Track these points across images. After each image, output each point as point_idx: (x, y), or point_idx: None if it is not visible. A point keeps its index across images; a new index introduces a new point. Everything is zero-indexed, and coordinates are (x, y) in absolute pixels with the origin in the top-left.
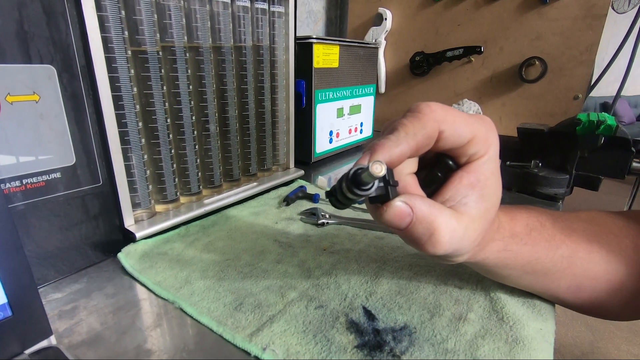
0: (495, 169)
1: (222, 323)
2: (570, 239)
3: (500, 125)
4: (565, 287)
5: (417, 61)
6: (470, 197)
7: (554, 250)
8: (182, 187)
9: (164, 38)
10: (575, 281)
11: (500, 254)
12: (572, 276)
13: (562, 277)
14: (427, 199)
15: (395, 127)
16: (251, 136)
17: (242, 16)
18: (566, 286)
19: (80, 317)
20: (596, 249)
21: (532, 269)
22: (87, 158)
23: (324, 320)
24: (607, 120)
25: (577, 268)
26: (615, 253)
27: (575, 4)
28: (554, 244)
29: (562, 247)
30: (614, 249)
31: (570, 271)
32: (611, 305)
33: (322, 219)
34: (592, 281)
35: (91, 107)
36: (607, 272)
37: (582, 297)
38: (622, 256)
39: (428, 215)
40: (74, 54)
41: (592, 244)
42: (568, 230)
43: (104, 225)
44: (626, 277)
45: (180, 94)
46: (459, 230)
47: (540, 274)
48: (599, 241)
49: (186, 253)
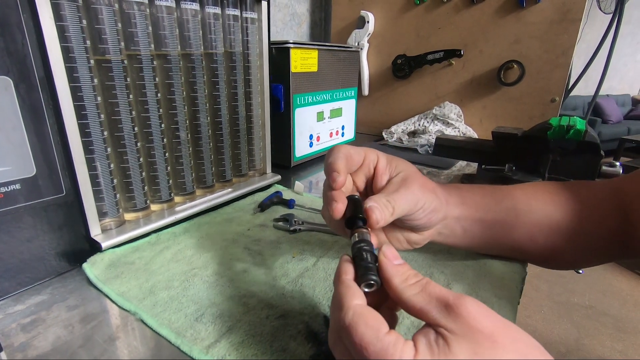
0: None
1: (180, 334)
2: (511, 195)
3: (481, 127)
4: (519, 237)
5: (399, 64)
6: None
7: (499, 202)
8: (153, 194)
9: (129, 46)
10: (525, 230)
11: (459, 208)
12: (522, 226)
13: (513, 228)
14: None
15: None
16: (225, 142)
17: (213, 23)
18: (519, 236)
19: (38, 331)
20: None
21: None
22: (48, 169)
23: (284, 330)
24: (576, 124)
25: (524, 218)
26: (554, 203)
27: (552, 8)
28: (498, 198)
29: (505, 201)
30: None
31: (519, 221)
32: (559, 251)
33: (294, 225)
34: (539, 228)
35: (52, 117)
36: (548, 219)
37: (537, 245)
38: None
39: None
40: (31, 64)
41: (532, 200)
42: (507, 190)
43: (69, 236)
44: (567, 223)
45: (147, 102)
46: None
47: (496, 225)
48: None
49: (154, 262)
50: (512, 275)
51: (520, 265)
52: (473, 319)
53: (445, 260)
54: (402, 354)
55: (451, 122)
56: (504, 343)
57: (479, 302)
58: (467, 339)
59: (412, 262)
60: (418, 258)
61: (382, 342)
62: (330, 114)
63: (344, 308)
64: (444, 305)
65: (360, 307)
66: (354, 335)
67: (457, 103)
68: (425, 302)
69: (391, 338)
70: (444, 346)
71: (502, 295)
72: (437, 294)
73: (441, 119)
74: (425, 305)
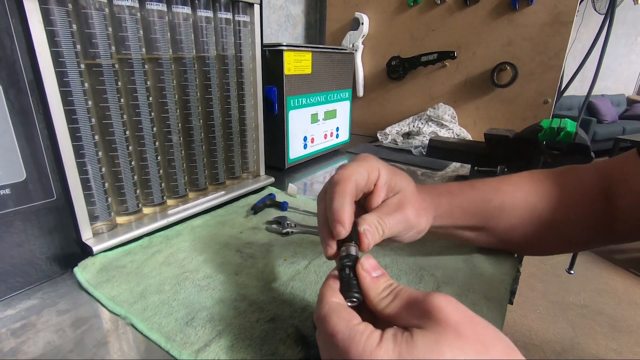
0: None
1: (170, 339)
2: (501, 191)
3: (475, 129)
4: (502, 230)
5: (393, 65)
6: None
7: (489, 202)
8: (145, 198)
9: (120, 50)
10: (508, 223)
11: (447, 208)
12: (506, 220)
13: (498, 224)
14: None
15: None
16: (218, 145)
17: (204, 26)
18: (502, 229)
19: (28, 336)
20: (520, 194)
21: (477, 221)
22: (38, 173)
23: (274, 334)
24: (567, 127)
25: (509, 213)
26: (539, 194)
27: (544, 11)
28: (487, 198)
29: (494, 200)
30: (536, 193)
31: (503, 216)
32: (538, 239)
33: (287, 228)
34: (521, 221)
35: (42, 122)
36: (532, 212)
37: (518, 235)
38: (542, 197)
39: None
40: (20, 69)
41: (517, 192)
42: (499, 185)
43: (60, 240)
44: (550, 214)
45: (139, 106)
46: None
47: (482, 226)
48: (523, 188)
49: (146, 266)
50: (502, 277)
51: (511, 267)
52: (439, 312)
53: (436, 263)
54: (367, 342)
55: (445, 123)
56: (467, 334)
57: (449, 297)
58: (432, 330)
59: (403, 264)
60: (408, 261)
61: (351, 331)
62: (324, 116)
63: (322, 302)
64: (414, 305)
65: (337, 303)
66: (327, 324)
67: (451, 104)
68: (398, 307)
69: (360, 327)
70: (407, 337)
71: (491, 297)
72: (408, 297)
73: (435, 120)
74: (398, 310)
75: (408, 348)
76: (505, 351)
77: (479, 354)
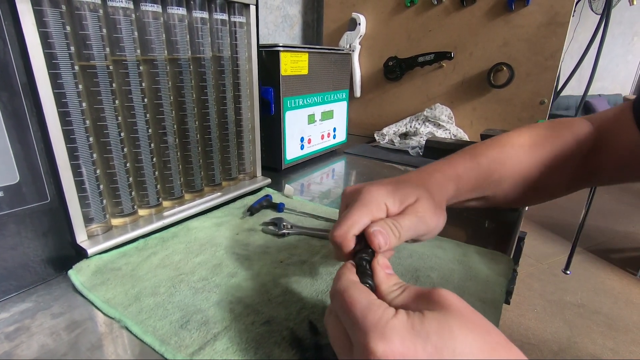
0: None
1: (165, 342)
2: (502, 163)
3: (472, 129)
4: (499, 196)
5: (390, 66)
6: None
7: (490, 176)
8: (140, 200)
9: (114, 52)
10: (504, 191)
11: (455, 192)
12: (502, 189)
13: (496, 191)
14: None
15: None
16: (214, 146)
17: (200, 27)
18: (499, 195)
19: (22, 339)
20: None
21: (477, 194)
22: (32, 176)
23: (269, 337)
24: None
25: (504, 183)
26: (532, 157)
27: (540, 11)
28: (488, 172)
29: (495, 174)
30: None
31: (502, 186)
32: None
33: (283, 230)
34: (513, 187)
35: (35, 124)
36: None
37: (508, 198)
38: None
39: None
40: (13, 71)
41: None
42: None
43: (54, 242)
44: (540, 180)
45: (134, 108)
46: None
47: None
48: (519, 154)
49: (141, 268)
50: (497, 279)
51: (506, 268)
52: (445, 299)
53: (432, 264)
54: (384, 312)
55: (442, 123)
56: (472, 319)
57: (452, 292)
58: (439, 312)
59: (399, 266)
60: (405, 262)
61: (369, 302)
62: (321, 117)
63: (340, 279)
64: (422, 296)
65: (355, 281)
66: (346, 295)
67: (447, 105)
68: (406, 298)
69: (377, 301)
70: (419, 314)
71: (486, 298)
72: (416, 290)
73: (432, 120)
74: (406, 301)
75: (420, 322)
76: (503, 341)
77: (483, 336)
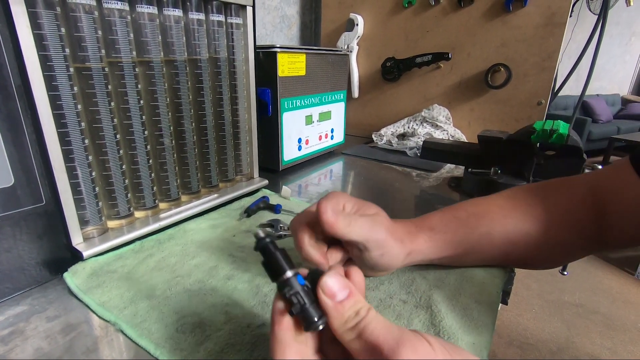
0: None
1: (160, 345)
2: (485, 219)
3: (469, 130)
4: (494, 256)
5: (388, 67)
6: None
7: (474, 230)
8: (137, 202)
9: (110, 54)
10: (500, 249)
11: (428, 244)
12: (497, 247)
13: (489, 249)
14: None
15: None
16: (211, 148)
17: (197, 29)
18: (494, 255)
19: (16, 343)
20: (511, 221)
21: (463, 250)
22: (27, 178)
23: (265, 339)
24: (559, 128)
25: (498, 240)
26: (529, 218)
27: (537, 12)
28: (473, 225)
29: (480, 227)
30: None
31: (493, 243)
32: (535, 259)
33: (279, 232)
34: (514, 246)
35: (30, 126)
36: (523, 236)
37: (511, 258)
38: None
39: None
40: (7, 73)
41: (507, 218)
42: (483, 212)
43: (50, 245)
44: (541, 235)
45: (130, 109)
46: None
47: (471, 252)
48: (512, 214)
49: (137, 270)
50: (493, 280)
51: (502, 271)
52: None
53: (428, 266)
54: None
55: (440, 124)
56: None
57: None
58: None
59: None
60: None
61: None
62: (319, 117)
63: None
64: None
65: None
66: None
67: (445, 106)
68: (359, 348)
69: None
70: None
71: (482, 300)
72: (373, 342)
73: (430, 121)
74: (360, 351)
75: None
76: None
77: None
